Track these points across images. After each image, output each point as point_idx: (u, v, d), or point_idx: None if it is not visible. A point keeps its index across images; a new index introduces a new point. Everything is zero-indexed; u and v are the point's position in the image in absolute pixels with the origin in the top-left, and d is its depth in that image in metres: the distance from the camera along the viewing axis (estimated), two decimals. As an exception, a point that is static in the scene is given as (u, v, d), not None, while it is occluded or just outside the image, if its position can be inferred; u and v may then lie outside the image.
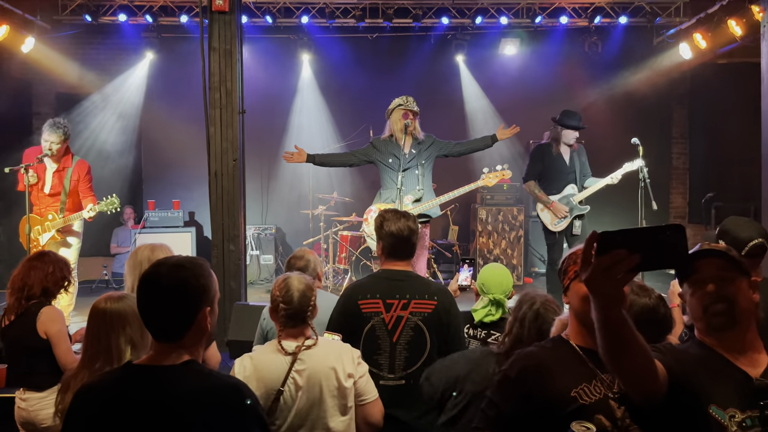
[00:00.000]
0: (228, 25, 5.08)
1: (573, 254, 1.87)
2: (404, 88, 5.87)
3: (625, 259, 1.31)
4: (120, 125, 8.68)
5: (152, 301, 1.67)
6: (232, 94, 5.11)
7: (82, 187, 5.52)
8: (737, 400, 1.61)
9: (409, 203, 5.20)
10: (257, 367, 2.38)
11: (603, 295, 1.36)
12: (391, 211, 3.10)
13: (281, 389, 2.35)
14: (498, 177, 5.33)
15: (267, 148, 8.75)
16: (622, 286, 1.36)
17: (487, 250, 8.02)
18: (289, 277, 2.51)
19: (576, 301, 1.80)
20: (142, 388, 1.61)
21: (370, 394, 2.52)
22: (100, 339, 2.26)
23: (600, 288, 1.35)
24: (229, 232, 5.12)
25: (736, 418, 1.60)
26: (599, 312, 1.40)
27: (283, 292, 2.45)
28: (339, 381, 2.40)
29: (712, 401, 1.61)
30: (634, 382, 1.53)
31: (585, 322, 1.73)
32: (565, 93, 8.60)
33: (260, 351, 2.47)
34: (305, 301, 2.44)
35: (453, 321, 2.92)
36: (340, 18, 7.92)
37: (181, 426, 1.56)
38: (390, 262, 3.04)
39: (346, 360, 2.45)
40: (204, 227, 8.58)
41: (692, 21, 7.54)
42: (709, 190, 8.29)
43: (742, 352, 1.68)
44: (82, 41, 8.48)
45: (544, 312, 2.26)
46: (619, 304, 1.39)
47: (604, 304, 1.38)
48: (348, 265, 7.63)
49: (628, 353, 1.45)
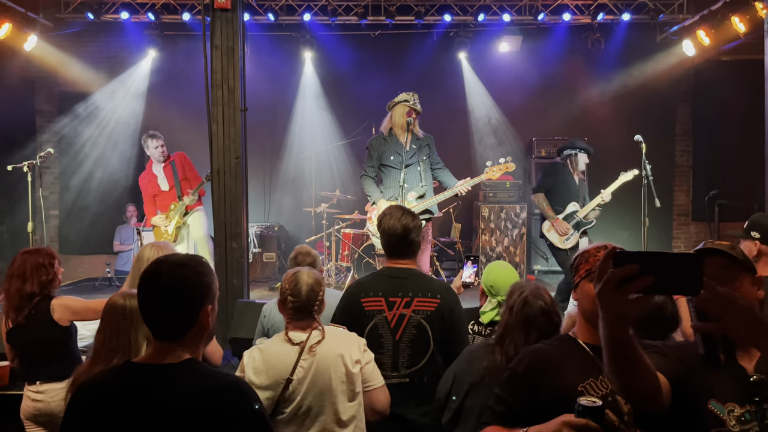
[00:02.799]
0: (230, 23, 5.07)
1: (586, 252, 1.88)
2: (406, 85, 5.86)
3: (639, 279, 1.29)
4: (122, 123, 8.69)
5: (153, 299, 1.66)
6: (234, 92, 5.11)
7: (189, 174, 6.17)
8: (736, 395, 1.63)
9: (412, 200, 5.19)
10: (266, 357, 2.42)
11: (613, 313, 1.34)
12: (392, 208, 3.08)
13: (290, 378, 2.38)
14: (502, 170, 5.27)
15: (270, 145, 8.76)
16: (633, 309, 1.33)
17: (490, 247, 8.01)
18: (299, 272, 2.55)
19: (585, 300, 1.82)
20: (142, 386, 1.60)
21: (377, 380, 2.55)
22: (120, 334, 2.27)
23: (610, 304, 1.33)
24: (231, 230, 5.12)
25: (735, 413, 1.61)
26: (607, 330, 1.38)
27: (292, 286, 2.49)
28: (347, 367, 2.43)
29: (711, 396, 1.63)
30: (638, 400, 1.54)
31: (592, 321, 1.76)
32: (567, 90, 8.60)
33: (269, 342, 2.51)
34: (313, 296, 2.48)
35: (457, 319, 2.90)
36: (342, 15, 7.91)
37: (181, 424, 1.55)
38: (393, 260, 3.02)
39: (353, 347, 2.49)
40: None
41: (695, 18, 7.52)
42: (713, 188, 8.26)
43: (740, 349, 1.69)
44: (84, 39, 8.48)
45: (532, 299, 2.27)
46: (628, 325, 1.37)
47: (613, 323, 1.36)
48: (351, 262, 7.63)
49: (633, 373, 1.45)
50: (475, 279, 3.52)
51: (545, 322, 2.24)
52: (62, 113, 8.74)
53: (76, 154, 8.74)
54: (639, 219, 5.56)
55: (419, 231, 3.03)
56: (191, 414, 1.55)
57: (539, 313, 2.24)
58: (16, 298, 3.21)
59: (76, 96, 8.63)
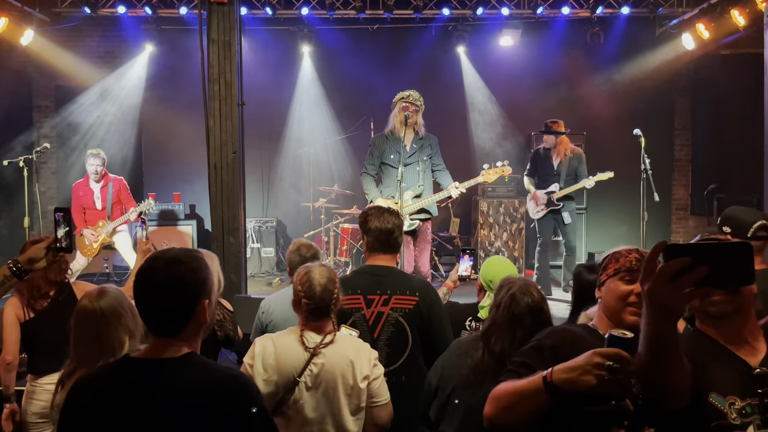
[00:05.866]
0: (227, 17, 5.05)
1: (616, 252, 1.86)
2: (405, 79, 5.86)
3: (693, 271, 1.26)
4: (120, 118, 8.65)
5: (150, 297, 1.65)
6: (231, 86, 5.09)
7: (123, 197, 6.57)
8: (737, 388, 1.62)
9: (408, 199, 5.20)
10: (278, 352, 2.36)
11: (662, 307, 1.30)
12: (375, 208, 3.06)
13: (298, 380, 2.32)
14: (498, 173, 5.41)
15: (268, 140, 8.73)
16: (684, 302, 1.31)
17: (489, 242, 8.00)
18: (310, 270, 2.45)
19: (610, 297, 1.81)
20: (141, 380, 1.60)
21: (383, 396, 2.47)
22: (102, 340, 2.22)
23: (662, 299, 1.30)
24: (229, 225, 5.11)
25: (736, 406, 1.60)
26: (653, 326, 1.34)
27: (305, 287, 2.39)
28: (355, 380, 2.37)
29: (712, 389, 1.62)
30: (673, 399, 1.50)
31: (612, 318, 1.79)
32: (566, 84, 8.57)
33: (282, 335, 2.44)
34: (328, 295, 2.40)
35: (435, 317, 2.86)
36: (340, 9, 7.87)
37: (182, 418, 1.55)
38: (374, 257, 2.99)
39: (364, 360, 2.41)
40: (205, 220, 8.56)
41: (695, 11, 7.48)
42: (712, 182, 8.25)
43: (741, 342, 1.68)
44: (81, 33, 8.44)
45: (520, 296, 2.24)
46: (676, 321, 1.34)
47: (661, 318, 1.32)
48: (349, 257, 7.62)
49: (676, 371, 1.42)
50: (472, 272, 3.51)
51: (532, 320, 2.21)
52: (59, 108, 8.70)
53: (74, 148, 8.70)
54: (638, 213, 5.56)
55: (400, 229, 3.00)
56: (191, 407, 1.55)
57: (526, 311, 2.22)
58: (44, 285, 3.24)
59: (73, 90, 8.59)
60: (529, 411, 1.53)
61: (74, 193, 6.55)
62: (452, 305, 3.25)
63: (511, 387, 1.57)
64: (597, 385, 1.40)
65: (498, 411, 1.59)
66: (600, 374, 1.39)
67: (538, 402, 1.50)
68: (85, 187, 6.52)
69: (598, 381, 1.39)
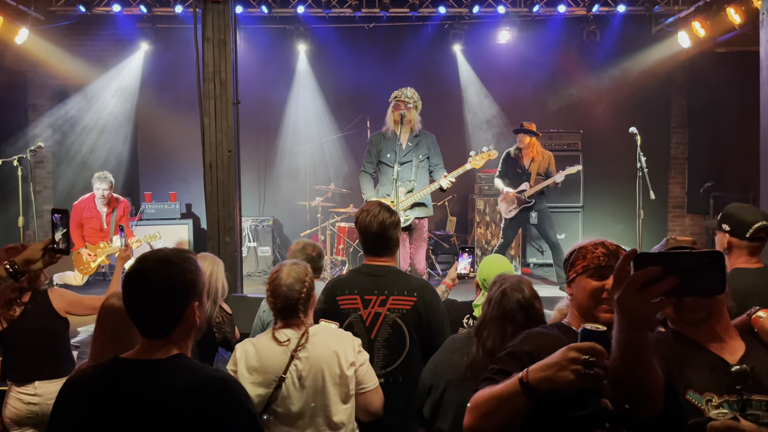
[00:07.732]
0: (222, 15, 5.03)
1: (583, 248, 1.84)
2: (401, 77, 5.84)
3: (662, 281, 1.25)
4: (115, 116, 8.63)
5: (139, 298, 1.63)
6: (227, 85, 5.07)
7: (124, 221, 6.49)
8: (714, 385, 1.62)
9: (402, 195, 5.20)
10: (260, 353, 2.38)
11: (633, 315, 1.30)
12: (369, 204, 3.01)
13: (283, 376, 2.33)
14: (484, 158, 5.37)
15: (264, 139, 8.72)
16: (656, 311, 1.30)
17: (485, 240, 8.00)
18: (280, 269, 2.47)
19: (581, 295, 1.79)
20: (131, 380, 1.59)
21: (371, 381, 2.49)
22: (122, 336, 2.21)
23: (632, 308, 1.29)
24: (224, 224, 5.10)
25: (713, 402, 1.61)
26: (625, 334, 1.33)
27: (272, 286, 2.44)
28: (341, 368, 2.38)
29: (689, 387, 1.63)
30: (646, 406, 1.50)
31: (586, 315, 1.76)
32: (562, 82, 8.57)
33: (261, 338, 2.46)
34: (293, 294, 2.41)
35: (434, 318, 2.83)
36: (336, 7, 7.86)
37: (170, 419, 1.54)
38: (370, 258, 2.96)
39: (348, 347, 2.43)
40: (201, 219, 8.55)
41: (691, 9, 7.49)
42: (708, 180, 8.27)
43: (717, 340, 1.69)
44: (76, 32, 8.41)
45: (511, 292, 2.23)
46: (647, 329, 1.34)
47: (632, 327, 1.31)
48: (346, 256, 7.61)
49: (647, 379, 1.42)
50: (470, 270, 3.51)
51: (523, 317, 2.19)
52: (54, 107, 8.67)
53: (69, 148, 8.68)
54: (634, 211, 5.57)
55: (397, 227, 2.94)
56: (180, 408, 1.54)
57: (516, 307, 2.20)
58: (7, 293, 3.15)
59: (69, 89, 8.56)
60: (509, 417, 1.49)
61: (77, 211, 6.38)
62: (450, 303, 3.24)
63: (488, 394, 1.54)
64: (574, 381, 1.37)
65: (477, 420, 1.55)
66: (577, 369, 1.36)
67: (516, 406, 1.46)
68: (92, 209, 6.42)
69: (575, 376, 1.37)
